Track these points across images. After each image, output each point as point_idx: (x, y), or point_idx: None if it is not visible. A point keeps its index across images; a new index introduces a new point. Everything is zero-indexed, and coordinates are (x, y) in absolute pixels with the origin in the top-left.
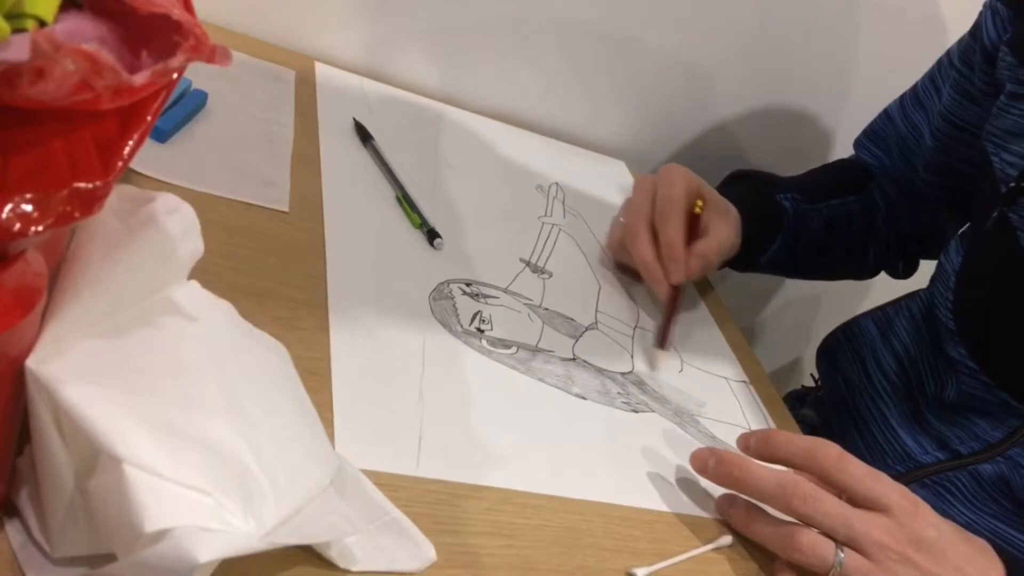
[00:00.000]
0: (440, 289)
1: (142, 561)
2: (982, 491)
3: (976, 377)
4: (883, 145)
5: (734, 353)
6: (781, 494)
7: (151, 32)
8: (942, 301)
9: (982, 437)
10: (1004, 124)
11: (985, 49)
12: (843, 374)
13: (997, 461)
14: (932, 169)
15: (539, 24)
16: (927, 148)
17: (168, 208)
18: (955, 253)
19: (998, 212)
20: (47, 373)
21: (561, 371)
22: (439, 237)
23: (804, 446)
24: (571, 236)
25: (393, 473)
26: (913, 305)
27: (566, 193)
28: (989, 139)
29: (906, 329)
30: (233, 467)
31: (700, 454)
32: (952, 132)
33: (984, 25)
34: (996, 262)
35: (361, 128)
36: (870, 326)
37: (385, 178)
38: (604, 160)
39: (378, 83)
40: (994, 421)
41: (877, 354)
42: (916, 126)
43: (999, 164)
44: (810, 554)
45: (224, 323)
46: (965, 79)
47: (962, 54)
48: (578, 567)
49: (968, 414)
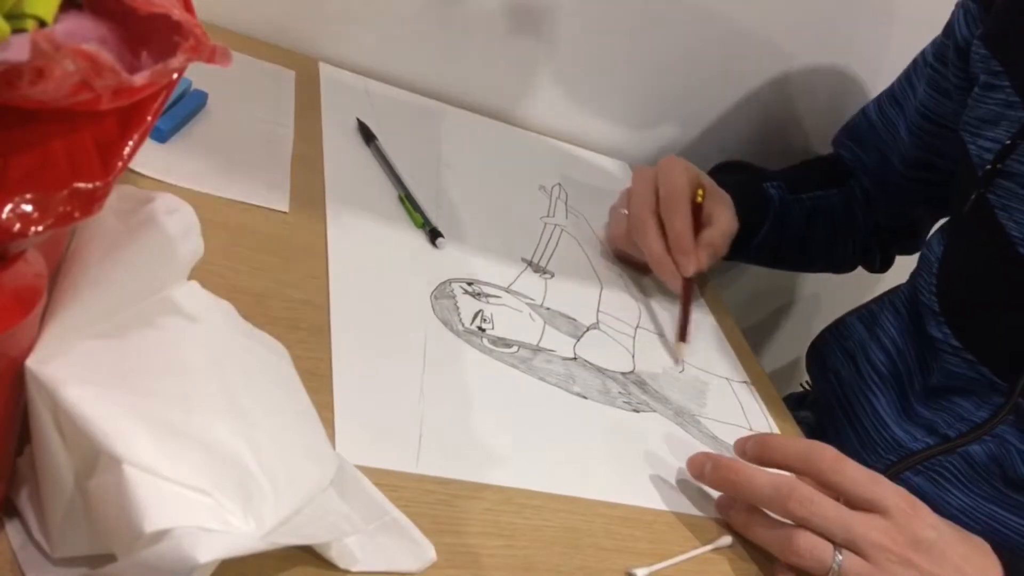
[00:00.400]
0: (442, 288)
1: (142, 561)
2: (975, 474)
3: (959, 355)
4: (860, 142)
5: (735, 353)
6: (777, 498)
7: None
8: (926, 286)
9: (968, 418)
10: (978, 113)
11: (958, 45)
12: (835, 372)
13: (985, 441)
14: (908, 163)
15: (542, 24)
16: (903, 143)
17: (168, 208)
18: (937, 244)
19: (976, 194)
20: (47, 373)
21: (562, 370)
22: (441, 236)
23: (800, 449)
24: (573, 236)
25: (393, 471)
26: (896, 299)
27: (568, 194)
28: (965, 128)
29: (891, 322)
30: (233, 467)
31: (697, 459)
32: (928, 127)
33: (956, 23)
34: (976, 241)
35: (365, 128)
36: (856, 324)
37: (388, 178)
38: (606, 161)
39: (381, 83)
40: (978, 401)
41: (867, 350)
42: (892, 123)
43: (975, 151)
44: (808, 557)
45: (224, 323)
46: (940, 76)
47: (936, 52)
48: (578, 567)
49: (953, 396)
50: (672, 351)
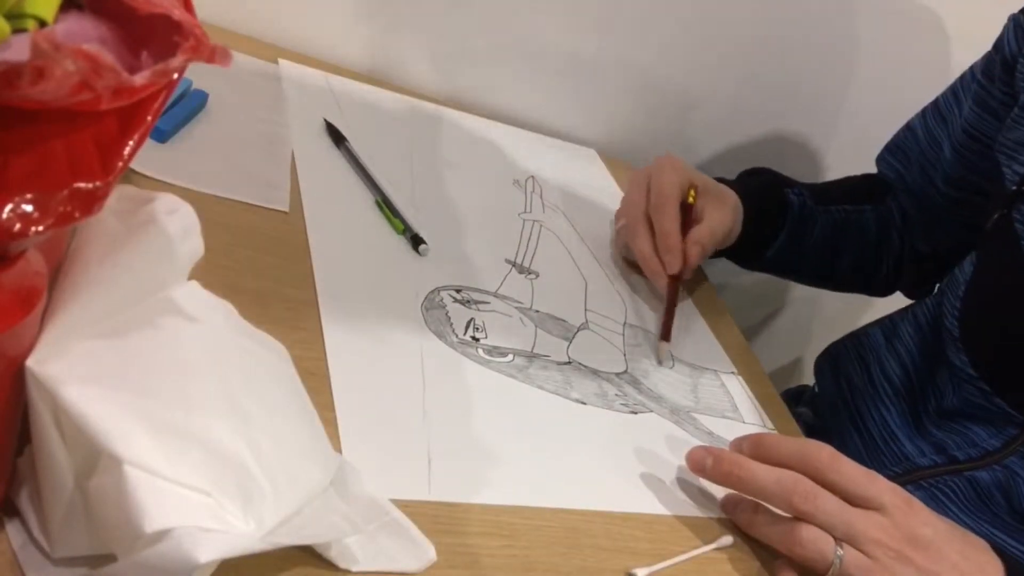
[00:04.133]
0: (431, 298)
1: (142, 561)
2: (978, 499)
3: (975, 384)
4: (903, 158)
5: (734, 352)
6: (781, 492)
7: (151, 32)
8: (950, 309)
9: (980, 445)
10: (1016, 136)
11: (1005, 60)
12: (847, 378)
13: (994, 469)
14: (951, 183)
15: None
16: (947, 161)
17: (168, 208)
18: (968, 263)
19: (999, 214)
20: (47, 373)
21: (558, 376)
22: (424, 243)
23: (796, 448)
24: (552, 231)
25: (407, 500)
26: (919, 312)
27: (542, 187)
28: (1001, 150)
29: (911, 335)
30: (233, 467)
31: (696, 454)
32: (972, 145)
33: (1006, 37)
34: (1000, 270)
35: (334, 130)
36: (877, 334)
37: (362, 180)
38: (574, 149)
39: (344, 79)
40: (992, 429)
41: (882, 359)
42: (936, 140)
43: (1010, 175)
44: (811, 548)
45: (224, 323)
46: (986, 92)
47: (984, 67)
48: (578, 568)
49: (967, 422)
50: (656, 351)
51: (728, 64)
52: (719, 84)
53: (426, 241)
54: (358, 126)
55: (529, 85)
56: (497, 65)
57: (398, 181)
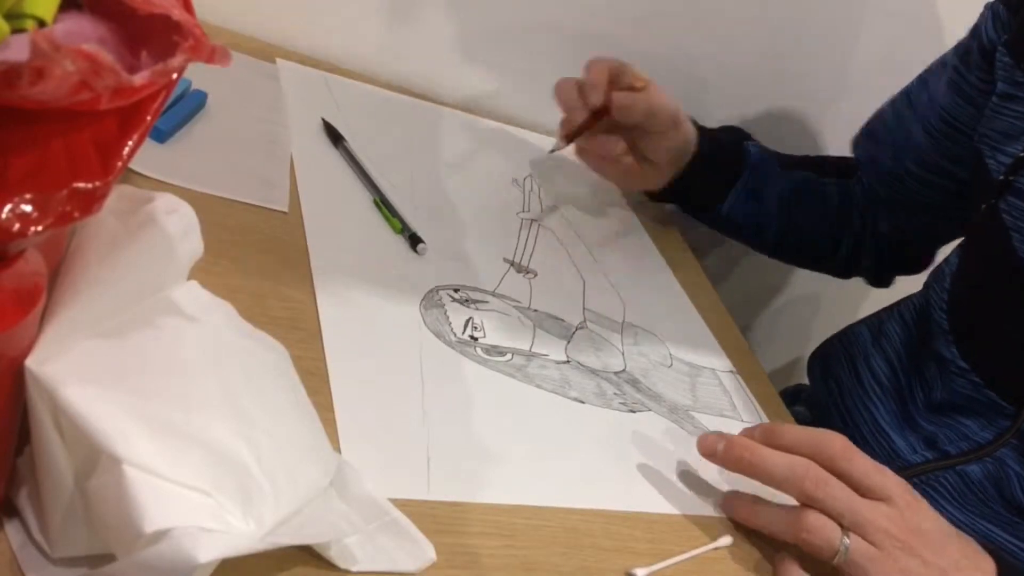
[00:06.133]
0: (430, 297)
1: (142, 561)
2: (969, 492)
3: (966, 377)
4: (875, 140)
5: (732, 351)
6: (792, 477)
7: (151, 32)
8: (938, 301)
9: (971, 438)
10: (998, 126)
11: (983, 48)
12: (836, 377)
13: (985, 462)
14: (923, 166)
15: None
16: (918, 145)
17: (168, 208)
18: (954, 255)
19: (987, 205)
20: (47, 373)
21: (557, 375)
22: (422, 243)
23: (809, 436)
24: (551, 230)
25: (406, 500)
26: (905, 309)
27: (541, 186)
28: (983, 141)
29: (897, 332)
30: (233, 467)
31: (708, 439)
32: (946, 130)
33: (984, 25)
34: (989, 260)
35: (332, 129)
36: (864, 331)
37: (360, 180)
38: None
39: (342, 78)
40: (983, 421)
41: (868, 357)
42: (905, 124)
43: (995, 166)
44: (818, 535)
45: (224, 323)
46: (962, 78)
47: (960, 54)
48: (578, 567)
49: (957, 415)
50: (554, 146)
51: (729, 63)
52: (720, 83)
53: (424, 240)
54: (356, 126)
55: (528, 84)
56: (495, 64)
57: (396, 181)
